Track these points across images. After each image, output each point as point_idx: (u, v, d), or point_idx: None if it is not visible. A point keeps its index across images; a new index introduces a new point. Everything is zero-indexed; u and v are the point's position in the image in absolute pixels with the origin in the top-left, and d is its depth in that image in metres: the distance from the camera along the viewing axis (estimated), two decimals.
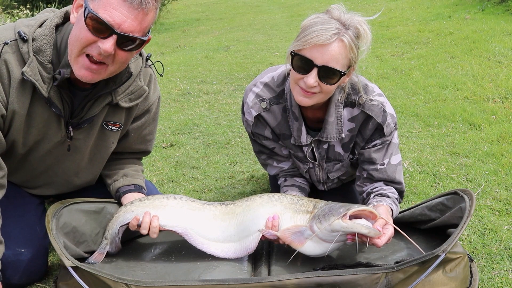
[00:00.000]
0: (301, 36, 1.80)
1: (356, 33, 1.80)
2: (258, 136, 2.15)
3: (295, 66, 1.83)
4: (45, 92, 1.74)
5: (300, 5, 11.46)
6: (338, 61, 1.78)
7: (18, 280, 1.93)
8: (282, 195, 1.92)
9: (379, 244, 1.71)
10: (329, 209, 1.76)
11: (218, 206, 1.96)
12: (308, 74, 1.80)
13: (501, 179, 2.65)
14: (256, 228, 1.87)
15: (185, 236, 1.91)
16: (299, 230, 1.81)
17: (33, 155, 1.94)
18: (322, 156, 2.11)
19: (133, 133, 2.09)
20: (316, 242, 1.78)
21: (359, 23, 1.81)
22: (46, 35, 1.72)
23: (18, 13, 8.72)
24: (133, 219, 1.92)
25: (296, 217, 1.85)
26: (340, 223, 1.68)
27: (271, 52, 6.71)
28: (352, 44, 1.79)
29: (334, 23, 1.78)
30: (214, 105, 4.55)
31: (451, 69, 4.79)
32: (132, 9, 1.60)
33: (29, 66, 1.70)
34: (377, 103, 1.96)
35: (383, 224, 1.73)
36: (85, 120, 1.88)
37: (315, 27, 1.77)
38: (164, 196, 1.98)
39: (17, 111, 1.76)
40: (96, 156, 2.05)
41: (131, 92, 1.91)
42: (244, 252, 1.89)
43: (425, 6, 8.66)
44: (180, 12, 13.21)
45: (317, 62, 1.78)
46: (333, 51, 1.76)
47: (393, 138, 2.02)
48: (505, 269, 1.94)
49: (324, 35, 1.75)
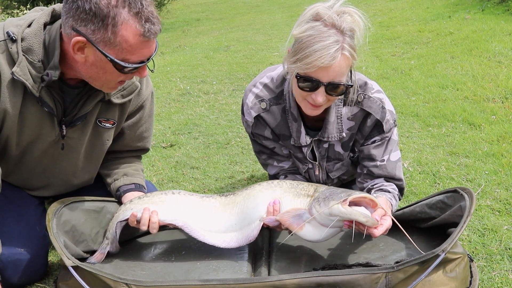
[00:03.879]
0: (303, 58, 1.74)
1: (351, 34, 1.77)
2: (258, 136, 2.15)
3: (301, 86, 1.81)
4: (36, 91, 1.73)
5: (300, 5, 11.44)
6: (343, 74, 1.77)
7: (18, 280, 1.93)
8: (281, 181, 1.92)
9: (375, 234, 1.69)
10: (330, 193, 1.74)
11: (218, 198, 1.96)
12: (315, 92, 1.79)
13: (501, 179, 2.65)
14: (257, 215, 1.86)
15: (185, 229, 1.91)
16: (298, 213, 1.80)
17: (28, 156, 1.94)
18: (322, 155, 2.11)
19: (129, 130, 2.09)
20: (314, 226, 1.76)
21: (351, 20, 1.78)
22: (34, 34, 1.71)
23: (19, 13, 8.71)
24: (131, 215, 1.92)
25: (296, 201, 1.84)
26: (339, 208, 1.66)
27: (271, 52, 6.71)
28: (352, 51, 1.76)
29: (332, 34, 1.72)
30: (214, 105, 4.55)
31: (451, 69, 4.79)
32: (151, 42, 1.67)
33: (19, 66, 1.69)
34: (375, 100, 1.96)
35: (382, 214, 1.71)
36: (78, 118, 1.88)
37: (315, 46, 1.71)
38: (163, 192, 1.98)
39: (8, 111, 1.75)
40: (92, 154, 2.05)
41: (123, 88, 1.92)
42: (246, 240, 1.87)
43: (425, 6, 8.66)
44: (180, 12, 13.22)
45: (323, 80, 1.76)
46: (337, 67, 1.74)
47: (392, 135, 2.02)
48: (505, 269, 1.94)
49: (326, 56, 1.70)
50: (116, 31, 1.57)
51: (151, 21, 1.61)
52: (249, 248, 1.97)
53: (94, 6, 1.55)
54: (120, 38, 1.59)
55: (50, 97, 1.78)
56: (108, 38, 1.58)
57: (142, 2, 1.59)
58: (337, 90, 1.80)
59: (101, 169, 2.16)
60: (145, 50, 1.65)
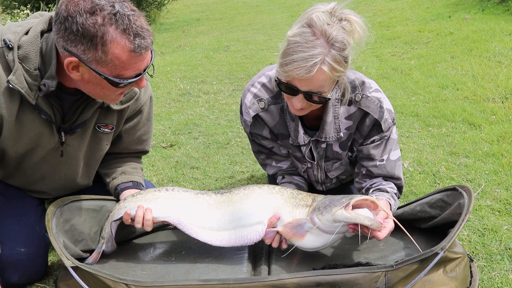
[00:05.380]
0: (283, 63, 1.73)
1: (341, 46, 1.71)
2: (256, 136, 2.15)
3: (282, 89, 1.82)
4: (32, 99, 1.72)
5: (300, 5, 11.45)
6: (321, 86, 1.75)
7: (18, 280, 1.93)
8: (283, 188, 1.91)
9: (380, 237, 1.70)
10: (330, 200, 1.74)
11: (213, 195, 1.94)
12: (294, 98, 1.80)
13: (501, 179, 2.65)
14: (255, 219, 1.84)
15: (178, 225, 1.90)
16: (299, 223, 1.79)
17: (27, 162, 1.93)
18: (320, 155, 2.11)
19: (127, 134, 2.09)
20: (316, 235, 1.76)
21: (349, 28, 1.73)
22: (31, 42, 1.70)
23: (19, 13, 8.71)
24: (124, 214, 1.92)
25: (295, 212, 1.83)
26: (343, 213, 1.66)
27: (271, 52, 6.71)
28: (335, 64, 1.71)
29: (317, 45, 1.68)
30: (214, 105, 4.55)
31: (451, 69, 4.79)
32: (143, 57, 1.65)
33: (15, 74, 1.68)
34: (373, 99, 1.96)
35: (385, 217, 1.72)
36: (77, 125, 1.88)
37: (295, 56, 1.70)
38: (156, 189, 1.98)
39: (5, 117, 1.75)
40: (91, 159, 2.06)
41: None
42: (240, 241, 1.85)
43: (425, 6, 8.65)
44: (180, 12, 13.21)
45: (301, 89, 1.76)
46: (314, 80, 1.72)
47: (391, 134, 2.02)
48: (505, 269, 1.94)
49: (302, 69, 1.68)
50: (106, 50, 1.56)
51: (141, 36, 1.58)
52: (249, 248, 1.97)
53: (80, 27, 1.53)
54: (111, 56, 1.57)
55: (48, 104, 1.77)
56: (99, 57, 1.57)
57: (130, 17, 1.56)
58: (316, 99, 1.79)
59: (100, 168, 2.16)
60: (138, 64, 1.64)
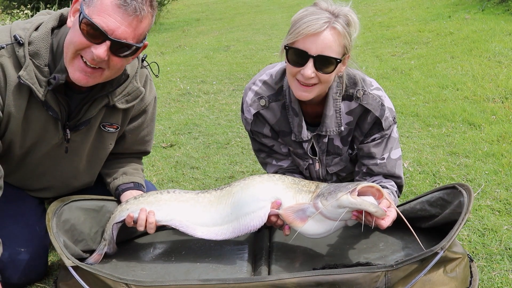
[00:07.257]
0: (293, 30, 1.82)
1: (346, 20, 1.82)
2: (257, 134, 2.15)
3: (290, 60, 1.84)
4: (42, 95, 1.74)
5: (300, 5, 11.41)
6: (332, 48, 1.79)
7: (18, 280, 1.93)
8: (283, 176, 1.90)
9: (383, 225, 1.69)
10: (335, 187, 1.73)
11: (213, 192, 1.94)
12: (304, 66, 1.81)
13: (501, 179, 2.65)
14: (256, 205, 1.83)
15: (181, 228, 1.90)
16: (301, 208, 1.78)
17: (30, 157, 1.94)
18: (322, 150, 2.11)
19: (130, 134, 2.09)
20: (318, 221, 1.75)
21: (347, 12, 1.84)
22: (42, 39, 1.72)
23: (18, 13, 8.71)
24: (127, 216, 1.91)
25: (298, 197, 1.82)
26: (349, 199, 1.64)
27: (271, 52, 6.71)
28: (345, 31, 1.81)
29: (324, 13, 1.81)
30: (214, 105, 4.55)
31: (451, 69, 4.79)
32: (127, 16, 1.61)
33: (25, 70, 1.70)
34: (375, 97, 1.96)
35: (388, 206, 1.72)
36: (82, 123, 1.89)
37: (305, 18, 1.80)
38: (158, 191, 1.98)
39: (13, 114, 1.76)
40: (94, 158, 2.06)
41: (127, 93, 1.92)
42: (244, 229, 1.83)
43: (425, 6, 8.66)
44: (180, 12, 13.21)
45: (311, 53, 1.79)
46: (326, 39, 1.78)
47: (392, 132, 2.02)
48: (505, 269, 1.94)
49: (315, 24, 1.77)
50: None
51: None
52: (249, 248, 1.97)
53: None
54: None
55: (55, 101, 1.79)
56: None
57: None
58: (326, 65, 1.81)
59: (101, 168, 2.16)
60: (112, 17, 1.60)
